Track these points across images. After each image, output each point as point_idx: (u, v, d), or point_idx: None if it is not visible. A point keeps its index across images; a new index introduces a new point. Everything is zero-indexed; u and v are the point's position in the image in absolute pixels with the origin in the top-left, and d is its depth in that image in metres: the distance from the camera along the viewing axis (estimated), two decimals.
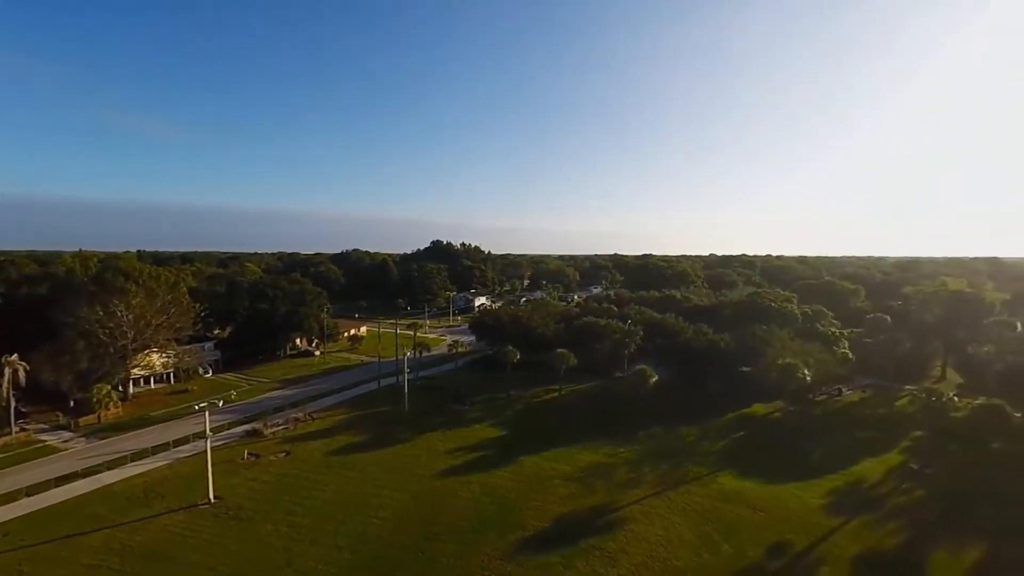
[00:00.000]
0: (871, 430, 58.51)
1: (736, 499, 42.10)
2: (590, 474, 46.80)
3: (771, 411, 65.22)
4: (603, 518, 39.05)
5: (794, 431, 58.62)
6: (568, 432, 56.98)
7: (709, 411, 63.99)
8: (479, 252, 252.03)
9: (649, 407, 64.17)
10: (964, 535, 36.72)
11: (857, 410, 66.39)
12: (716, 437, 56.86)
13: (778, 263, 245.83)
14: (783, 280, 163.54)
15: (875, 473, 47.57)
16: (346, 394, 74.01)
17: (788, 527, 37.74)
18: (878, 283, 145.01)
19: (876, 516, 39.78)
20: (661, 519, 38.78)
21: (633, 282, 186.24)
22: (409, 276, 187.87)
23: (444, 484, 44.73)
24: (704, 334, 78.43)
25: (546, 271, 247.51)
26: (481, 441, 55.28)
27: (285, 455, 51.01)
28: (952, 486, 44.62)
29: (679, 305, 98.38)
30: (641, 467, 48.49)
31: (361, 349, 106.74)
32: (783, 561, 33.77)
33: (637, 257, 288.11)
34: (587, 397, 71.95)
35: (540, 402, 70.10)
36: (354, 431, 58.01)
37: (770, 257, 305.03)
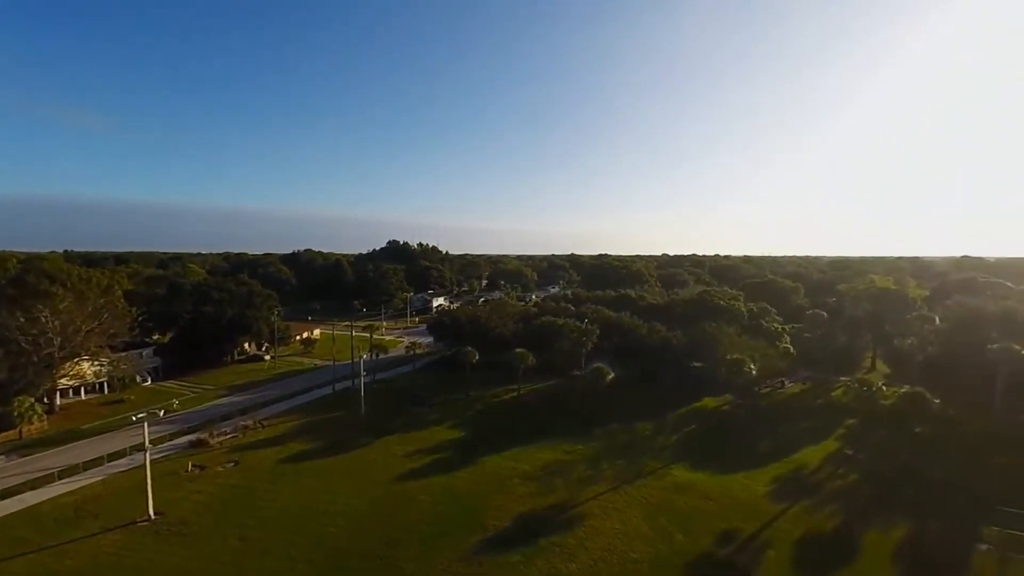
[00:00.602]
0: (811, 420, 62.15)
1: (689, 490, 43.73)
2: (550, 472, 47.34)
3: (720, 404, 68.11)
4: (563, 515, 39.60)
5: (741, 423, 61.46)
6: (528, 431, 57.42)
7: (663, 406, 66.12)
8: (437, 252, 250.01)
9: (606, 404, 65.62)
10: (892, 514, 39.66)
11: (798, 401, 70.37)
12: (670, 431, 58.82)
13: (726, 263, 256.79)
14: (730, 279, 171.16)
15: (814, 460, 50.61)
16: (299, 399, 71.55)
17: (737, 515, 39.55)
18: (815, 281, 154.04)
19: (815, 500, 42.35)
20: (618, 513, 39.74)
21: (590, 282, 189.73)
22: (365, 277, 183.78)
23: (404, 488, 44.06)
24: (658, 332, 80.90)
25: (504, 271, 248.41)
26: (441, 443, 54.82)
27: (233, 465, 48.72)
28: (881, 469, 48.09)
29: (634, 304, 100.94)
30: (599, 463, 49.51)
31: (315, 352, 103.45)
32: (732, 547, 35.36)
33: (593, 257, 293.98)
34: (546, 396, 72.73)
35: (500, 402, 70.27)
36: (308, 437, 56.16)
37: (718, 257, 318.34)
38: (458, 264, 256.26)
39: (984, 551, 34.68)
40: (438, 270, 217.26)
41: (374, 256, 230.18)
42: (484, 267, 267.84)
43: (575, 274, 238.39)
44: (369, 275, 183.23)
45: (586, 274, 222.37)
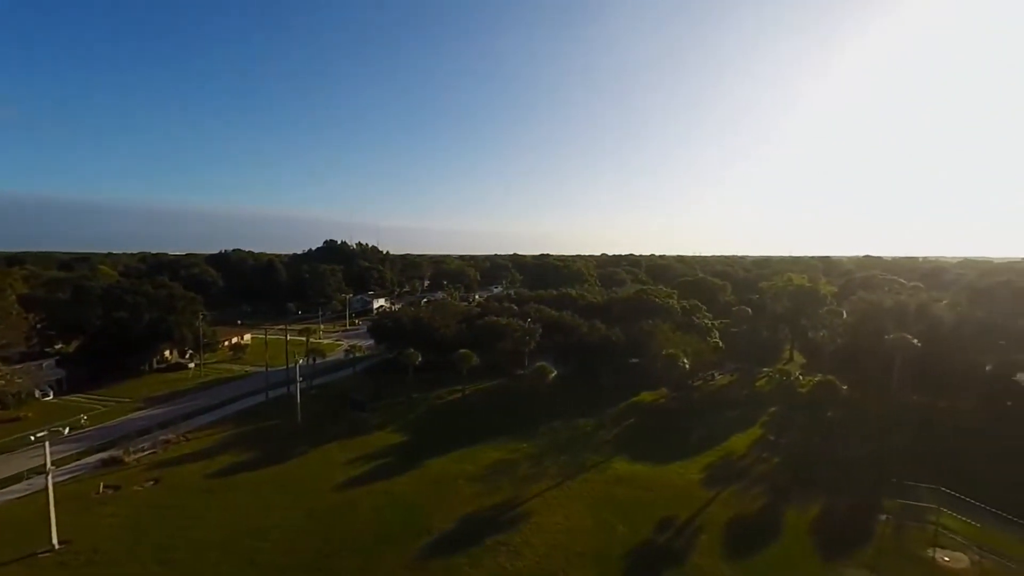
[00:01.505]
0: (738, 409, 66.34)
1: (629, 482, 45.40)
2: (495, 471, 47.49)
3: (657, 398, 71.20)
4: (508, 513, 39.86)
5: (676, 415, 64.57)
6: (472, 432, 57.30)
7: (603, 402, 68.16)
8: (377, 252, 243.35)
9: (549, 402, 66.74)
10: (808, 492, 43.16)
11: (727, 392, 74.91)
12: (610, 426, 60.75)
13: (661, 262, 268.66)
14: (665, 278, 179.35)
15: (742, 446, 54.12)
16: (228, 409, 67.28)
17: (674, 503, 41.52)
18: (741, 280, 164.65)
19: (743, 484, 45.29)
20: (562, 508, 40.56)
21: (532, 281, 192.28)
22: (300, 278, 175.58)
23: (344, 496, 42.59)
24: (598, 330, 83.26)
25: (447, 271, 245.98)
26: (383, 448, 53.50)
27: (153, 483, 45.00)
28: (799, 451, 52.23)
29: (575, 303, 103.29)
30: (543, 460, 50.27)
31: (246, 359, 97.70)
32: (669, 534, 37.10)
33: (535, 257, 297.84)
34: (490, 396, 72.88)
35: (444, 403, 69.60)
36: (238, 449, 52.92)
37: (654, 257, 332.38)
38: (399, 264, 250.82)
39: (884, 520, 38.57)
40: (378, 271, 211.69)
41: (310, 256, 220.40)
42: (426, 267, 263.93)
43: (517, 274, 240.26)
44: (305, 276, 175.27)
45: (528, 274, 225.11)
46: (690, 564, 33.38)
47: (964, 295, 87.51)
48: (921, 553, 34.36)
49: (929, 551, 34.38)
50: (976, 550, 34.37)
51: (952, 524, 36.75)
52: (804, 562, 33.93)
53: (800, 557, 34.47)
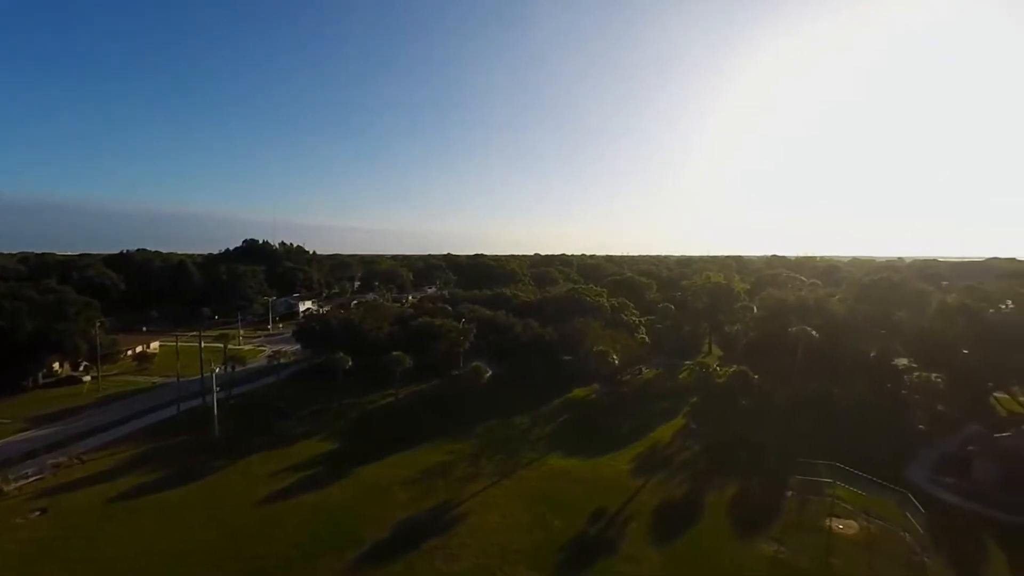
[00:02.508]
0: (664, 401, 70.06)
1: (563, 476, 46.56)
2: (431, 474, 46.88)
3: (588, 394, 73.55)
4: (445, 516, 39.52)
5: (607, 409, 67.07)
6: (407, 435, 56.22)
7: (537, 400, 69.40)
8: (303, 252, 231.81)
9: (485, 401, 66.95)
10: (726, 476, 46.51)
11: (653, 385, 78.84)
12: (544, 423, 61.97)
13: (591, 262, 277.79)
14: (595, 277, 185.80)
15: (667, 436, 57.26)
16: (133, 425, 61.20)
17: (606, 494, 43.10)
18: (665, 278, 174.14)
19: (668, 472, 47.95)
20: (499, 507, 40.84)
21: (466, 281, 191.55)
22: (216, 280, 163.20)
23: (268, 512, 40.19)
24: (531, 328, 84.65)
25: (379, 272, 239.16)
26: (311, 457, 51.06)
27: (40, 514, 39.91)
28: (717, 438, 56.11)
29: (509, 302, 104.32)
30: (479, 460, 50.33)
31: (152, 369, 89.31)
32: (602, 525, 38.49)
33: (469, 257, 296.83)
34: (425, 398, 71.83)
35: (376, 408, 67.67)
36: (146, 469, 48.32)
37: (584, 256, 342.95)
38: (327, 265, 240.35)
39: (790, 496, 42.41)
40: (304, 271, 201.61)
41: (228, 257, 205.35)
42: (357, 268, 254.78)
43: (452, 274, 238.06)
44: (222, 278, 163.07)
45: (463, 274, 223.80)
46: (621, 552, 34.83)
47: (853, 291, 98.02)
48: (819, 523, 38.15)
49: (826, 521, 38.26)
50: (864, 516, 38.74)
51: (844, 495, 41.15)
52: (722, 540, 36.51)
53: (718, 536, 37.06)
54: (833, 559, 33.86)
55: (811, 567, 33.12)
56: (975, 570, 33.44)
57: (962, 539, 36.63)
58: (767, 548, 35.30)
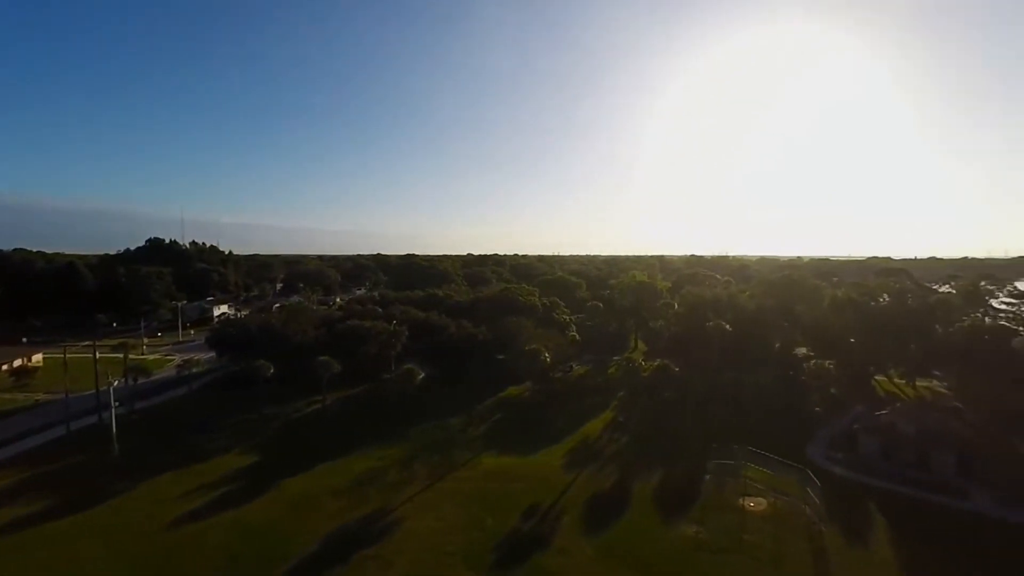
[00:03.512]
0: (594, 396, 72.54)
1: (497, 475, 46.91)
2: (362, 482, 45.42)
3: (522, 392, 74.59)
4: (378, 524, 38.47)
5: (540, 406, 68.37)
6: (336, 443, 54.05)
7: (472, 400, 69.39)
8: (217, 252, 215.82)
9: (418, 404, 65.91)
10: (651, 464, 49.10)
11: (584, 381, 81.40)
12: (479, 423, 62.08)
13: (523, 261, 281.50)
14: (527, 276, 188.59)
15: (597, 430, 59.41)
16: (9, 450, 53.88)
17: (539, 490, 43.94)
18: (594, 277, 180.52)
19: (598, 464, 49.78)
20: (433, 510, 40.39)
21: (397, 282, 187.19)
22: (114, 283, 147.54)
23: (180, 536, 37.03)
24: (465, 329, 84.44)
25: (303, 273, 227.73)
26: (230, 472, 47.67)
27: None
28: (643, 429, 59.09)
29: (442, 303, 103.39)
30: (413, 464, 49.46)
31: (34, 385, 79.28)
32: (535, 520, 39.23)
33: (401, 257, 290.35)
34: (355, 403, 69.44)
35: (302, 416, 64.46)
36: (29, 498, 42.76)
37: (517, 256, 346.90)
38: (245, 266, 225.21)
39: (708, 480, 45.56)
40: (219, 273, 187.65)
41: (128, 258, 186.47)
42: (279, 269, 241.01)
43: (382, 275, 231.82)
44: (121, 281, 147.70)
45: (394, 275, 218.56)
46: (554, 546, 35.72)
47: (760, 288, 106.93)
48: (734, 503, 41.34)
49: (739, 500, 41.53)
50: (772, 494, 42.48)
51: (755, 475, 44.82)
52: (649, 526, 38.51)
53: (645, 522, 39.05)
54: (745, 535, 36.81)
55: (727, 544, 35.80)
56: (862, 533, 37.71)
57: (851, 507, 41.20)
58: (689, 530, 37.70)
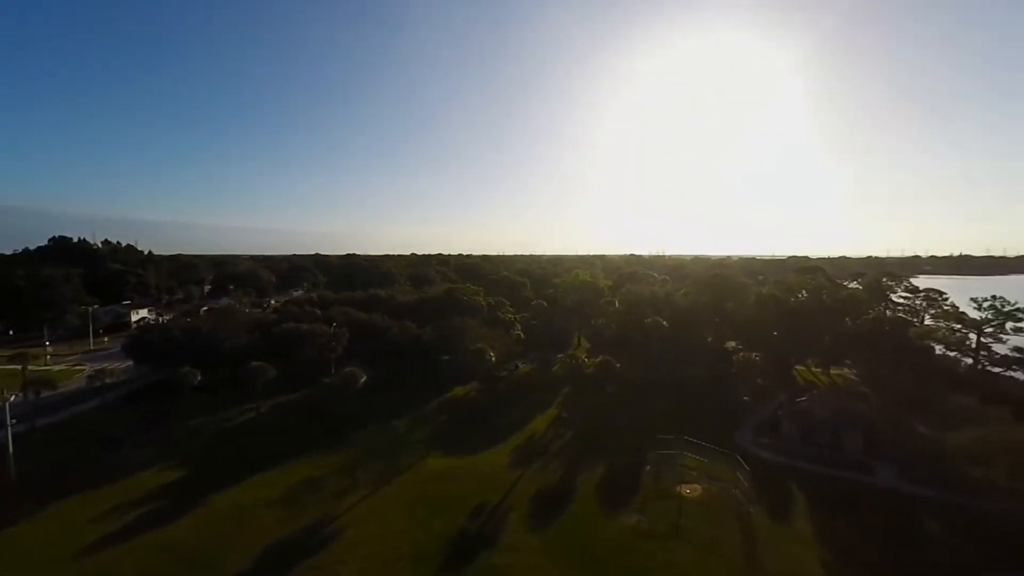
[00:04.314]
0: (539, 393, 73.48)
1: (444, 477, 46.44)
2: (301, 491, 43.49)
3: (467, 392, 74.29)
4: (319, 534, 36.99)
5: (486, 406, 68.40)
6: (272, 452, 51.38)
7: (417, 401, 68.28)
8: (135, 252, 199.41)
9: (361, 408, 64.03)
10: (595, 457, 50.42)
11: (529, 379, 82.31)
12: (424, 424, 61.17)
13: (468, 261, 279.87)
14: (472, 276, 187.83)
15: (542, 427, 60.21)
16: None
17: (486, 489, 43.94)
18: (539, 276, 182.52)
19: (544, 460, 50.48)
20: (378, 516, 39.38)
21: (338, 283, 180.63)
22: (11, 287, 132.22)
23: (94, 562, 33.83)
24: (409, 330, 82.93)
25: (234, 274, 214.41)
26: (152, 490, 44.13)
27: None
28: (586, 425, 60.54)
29: (385, 304, 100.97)
30: (355, 470, 47.94)
31: None
32: (482, 519, 39.21)
33: (341, 257, 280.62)
34: (293, 409, 66.33)
35: (234, 425, 60.76)
36: None
37: (462, 256, 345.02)
38: (168, 267, 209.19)
39: (648, 471, 47.42)
40: (137, 275, 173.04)
41: (28, 258, 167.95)
42: (207, 270, 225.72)
43: (321, 275, 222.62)
44: (18, 284, 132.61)
45: (334, 275, 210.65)
46: (502, 543, 35.87)
47: (695, 286, 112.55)
48: (672, 491, 43.27)
49: (677, 488, 43.55)
50: (706, 480, 44.87)
51: (691, 463, 47.19)
52: (593, 518, 39.54)
53: (590, 514, 40.06)
54: (683, 521, 38.65)
55: (665, 530, 37.45)
56: (785, 511, 40.66)
57: (776, 487, 44.31)
58: (631, 519, 39.08)
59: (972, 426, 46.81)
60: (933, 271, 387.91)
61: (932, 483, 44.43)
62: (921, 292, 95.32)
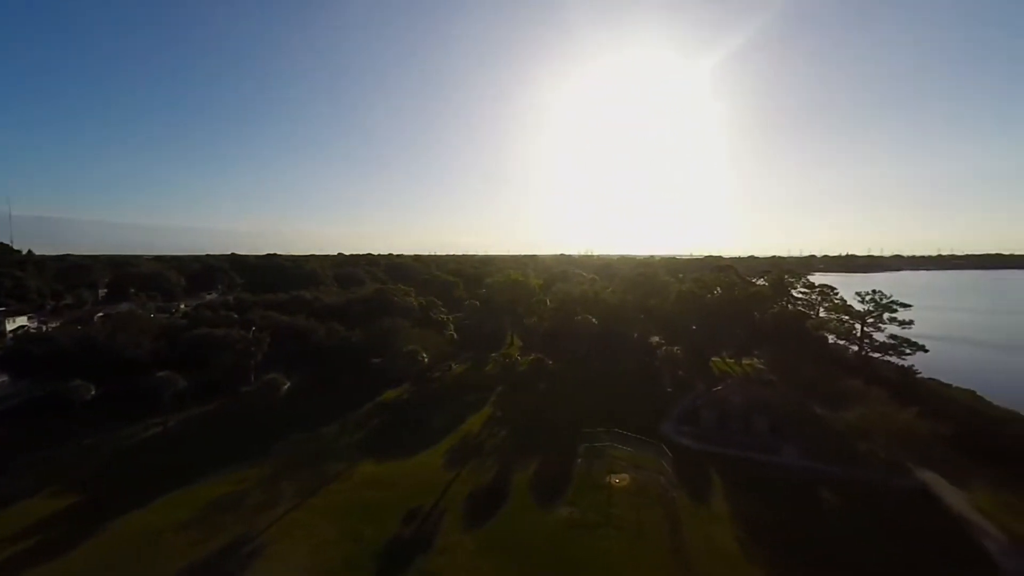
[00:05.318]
0: (473, 393, 73.31)
1: (375, 483, 45.06)
2: (217, 510, 40.36)
3: (400, 395, 72.62)
4: (238, 553, 34.53)
5: (419, 408, 67.18)
6: (182, 470, 47.22)
7: (346, 407, 65.73)
8: (11, 252, 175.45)
9: (285, 416, 60.61)
10: (529, 454, 51.17)
11: (463, 379, 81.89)
12: (354, 430, 59.00)
13: (399, 261, 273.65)
14: (403, 277, 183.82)
15: (476, 426, 60.17)
16: None
17: (420, 493, 43.19)
18: (471, 275, 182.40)
19: (478, 460, 50.48)
20: (304, 530, 37.46)
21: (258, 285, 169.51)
22: None
23: None
24: (337, 332, 79.65)
25: (136, 276, 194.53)
26: (42, 519, 39.04)
27: None
28: (520, 422, 61.29)
29: (309, 306, 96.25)
30: (278, 483, 45.26)
31: None
32: (416, 524, 38.50)
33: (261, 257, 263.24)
34: (207, 421, 61.42)
35: (138, 442, 55.20)
36: None
37: (392, 256, 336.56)
38: (54, 268, 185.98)
39: (580, 463, 48.88)
40: (15, 277, 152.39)
41: None
42: (102, 272, 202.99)
43: (238, 277, 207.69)
44: None
45: (252, 276, 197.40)
46: (437, 546, 35.44)
47: (621, 284, 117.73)
48: (602, 481, 44.93)
49: (607, 478, 45.27)
50: (634, 469, 47.02)
51: (620, 454, 49.26)
52: (527, 513, 40.11)
53: (524, 510, 40.60)
54: (613, 510, 40.25)
55: (597, 520, 38.80)
56: (704, 493, 43.54)
57: (696, 472, 47.34)
58: (563, 511, 40.08)
59: (858, 406, 52.87)
60: (825, 269, 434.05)
61: (827, 458, 49.55)
62: (816, 288, 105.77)
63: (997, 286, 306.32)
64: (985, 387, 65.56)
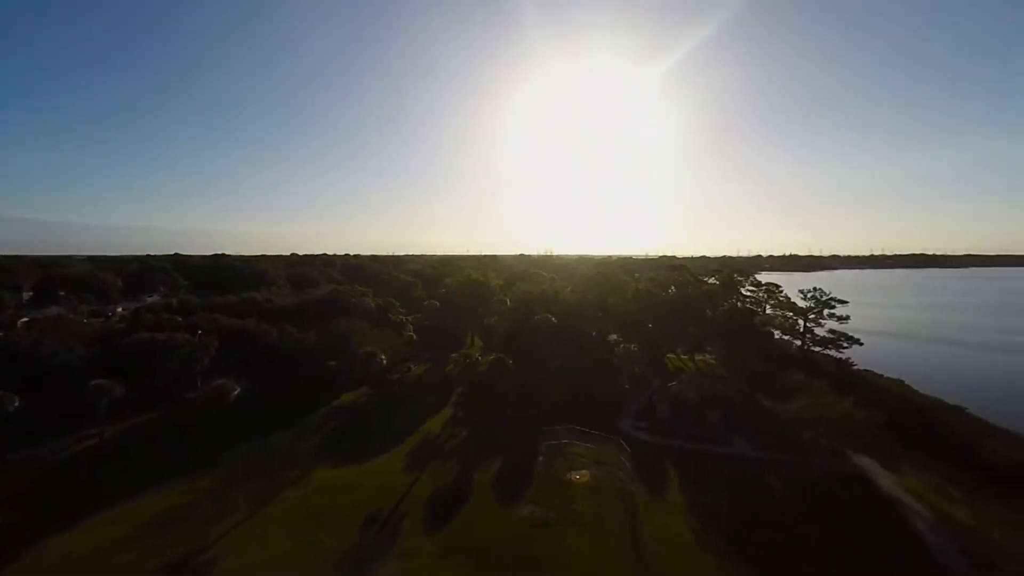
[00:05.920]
0: (433, 394, 72.57)
1: (332, 489, 43.81)
2: (161, 525, 38.08)
3: (358, 397, 70.94)
4: (185, 569, 32.70)
5: (377, 411, 65.88)
6: (122, 484, 44.31)
7: (301, 411, 63.62)
8: None
9: (236, 423, 57.97)
10: (490, 454, 51.11)
11: (422, 380, 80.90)
12: (310, 435, 57.16)
13: (355, 261, 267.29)
14: (360, 277, 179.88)
15: (437, 427, 59.58)
16: None
17: (379, 496, 42.31)
18: (430, 276, 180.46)
19: (439, 461, 50.00)
20: (258, 540, 35.93)
21: (204, 286, 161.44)
22: None
23: None
24: (290, 335, 76.99)
25: (66, 277, 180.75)
26: None
27: None
28: (481, 422, 61.16)
29: (261, 307, 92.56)
30: (229, 493, 43.19)
31: None
32: (376, 529, 37.71)
33: (207, 258, 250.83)
34: (149, 431, 57.90)
35: (69, 457, 51.33)
36: None
37: (348, 256, 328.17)
38: None
39: (541, 461, 49.28)
40: None
41: None
42: (26, 273, 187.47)
43: (182, 278, 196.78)
44: None
45: (198, 278, 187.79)
46: (397, 550, 34.82)
47: (580, 283, 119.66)
48: (564, 478, 45.47)
49: (568, 475, 45.86)
50: (594, 465, 47.84)
51: (580, 451, 50.04)
52: (489, 513, 40.06)
53: (486, 510, 40.52)
54: (574, 506, 40.79)
55: (558, 516, 39.22)
56: (660, 486, 44.88)
57: (653, 465, 48.71)
58: (525, 510, 40.27)
59: (801, 397, 55.96)
60: (771, 268, 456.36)
61: (774, 448, 52.14)
62: (763, 286, 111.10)
63: (925, 283, 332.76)
64: (912, 376, 71.01)
